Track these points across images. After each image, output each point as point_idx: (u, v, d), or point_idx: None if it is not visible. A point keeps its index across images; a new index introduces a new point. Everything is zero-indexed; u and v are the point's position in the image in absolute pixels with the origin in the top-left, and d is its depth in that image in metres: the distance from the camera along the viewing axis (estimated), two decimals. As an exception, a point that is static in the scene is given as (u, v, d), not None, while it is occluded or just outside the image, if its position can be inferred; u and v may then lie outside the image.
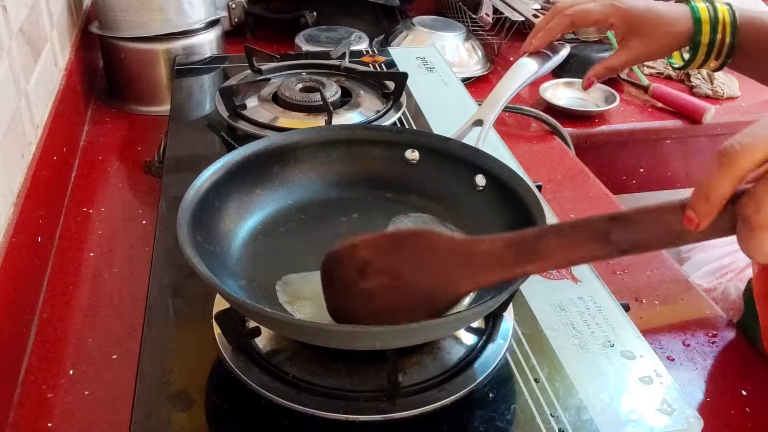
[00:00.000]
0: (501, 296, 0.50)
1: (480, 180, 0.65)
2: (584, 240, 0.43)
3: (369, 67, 1.06)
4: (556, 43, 0.84)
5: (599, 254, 0.43)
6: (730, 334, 0.77)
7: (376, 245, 0.49)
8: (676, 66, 0.83)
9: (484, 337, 0.58)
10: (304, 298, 0.57)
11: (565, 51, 0.84)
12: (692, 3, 0.77)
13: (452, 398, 0.53)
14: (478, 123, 0.74)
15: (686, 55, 0.81)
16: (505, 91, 0.76)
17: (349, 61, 1.03)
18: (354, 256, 0.49)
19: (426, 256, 0.47)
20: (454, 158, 0.67)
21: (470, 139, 0.72)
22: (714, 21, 0.75)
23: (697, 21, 0.76)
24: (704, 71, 1.40)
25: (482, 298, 0.57)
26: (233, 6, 1.41)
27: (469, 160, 0.66)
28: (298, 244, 0.64)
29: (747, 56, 0.77)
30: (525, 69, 0.79)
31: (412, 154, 0.69)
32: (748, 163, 0.37)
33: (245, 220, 0.64)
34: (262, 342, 0.56)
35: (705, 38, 0.76)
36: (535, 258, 0.44)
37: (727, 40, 0.75)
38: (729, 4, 0.77)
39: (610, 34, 1.46)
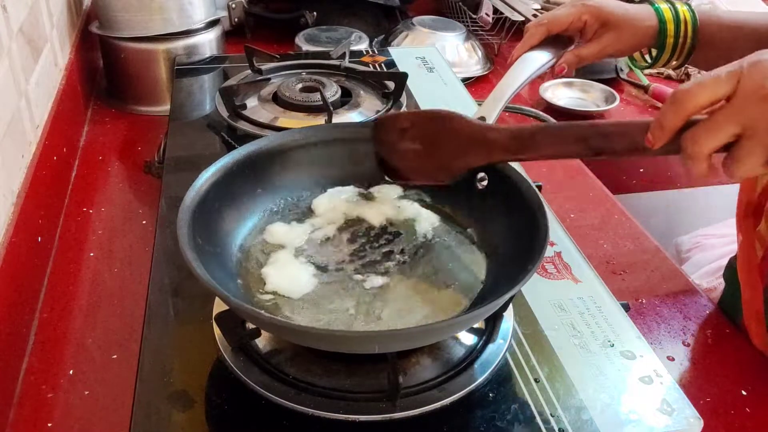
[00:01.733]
0: (500, 300, 0.50)
1: (481, 178, 0.64)
2: (568, 141, 0.55)
3: (369, 67, 1.06)
4: (561, 36, 0.83)
5: (579, 153, 0.56)
6: (730, 334, 0.77)
7: (413, 117, 0.64)
8: (639, 66, 0.86)
9: (484, 337, 0.58)
10: (302, 297, 0.58)
11: (571, 47, 0.83)
12: (656, 5, 0.80)
13: (452, 398, 0.53)
14: (481, 120, 0.73)
15: (648, 58, 0.85)
16: (507, 89, 0.75)
17: (349, 61, 1.03)
18: (397, 122, 0.64)
19: (450, 133, 0.61)
20: None
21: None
22: (677, 20, 0.79)
23: (662, 21, 0.79)
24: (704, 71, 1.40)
25: (483, 299, 0.58)
26: (233, 6, 1.41)
27: None
28: (298, 244, 0.64)
29: (708, 52, 0.81)
30: (527, 66, 0.78)
31: None
32: (692, 106, 0.48)
33: (247, 220, 0.64)
34: (262, 342, 0.56)
35: (670, 38, 0.79)
36: (529, 149, 0.57)
37: (689, 38, 0.79)
38: (688, 4, 0.80)
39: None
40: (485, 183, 0.64)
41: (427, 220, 0.66)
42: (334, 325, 0.55)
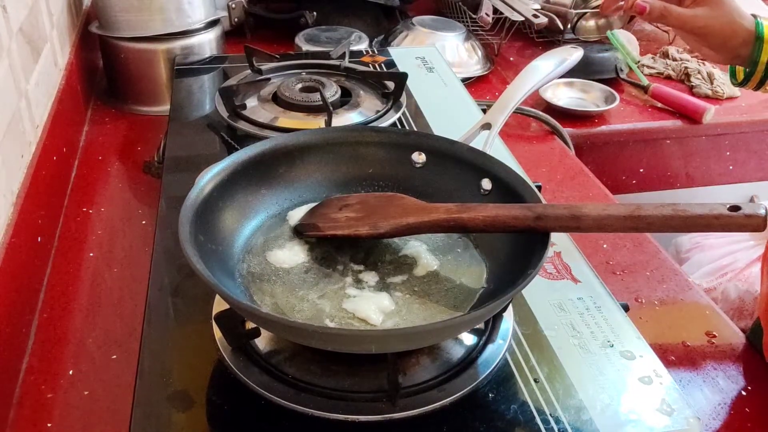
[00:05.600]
0: (498, 303, 0.50)
1: (486, 184, 0.64)
2: (511, 209, 0.56)
3: (369, 67, 1.06)
4: (569, 47, 0.83)
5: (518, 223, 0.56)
6: (730, 334, 0.77)
7: (362, 197, 0.64)
8: (735, 83, 0.80)
9: (484, 338, 0.58)
10: (302, 299, 0.58)
11: (578, 54, 0.83)
12: (758, 19, 0.76)
13: (452, 398, 0.53)
14: (487, 126, 0.73)
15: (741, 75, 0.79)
16: (514, 96, 0.75)
17: (349, 61, 1.03)
18: (343, 199, 0.64)
19: (395, 205, 0.61)
20: (461, 161, 0.66)
21: (478, 143, 0.71)
22: None
23: (759, 34, 0.74)
24: (705, 71, 1.40)
25: (483, 302, 0.58)
26: (233, 6, 1.41)
27: (476, 163, 0.65)
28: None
29: None
30: (535, 73, 0.78)
31: (419, 157, 0.68)
32: None
33: (249, 220, 0.64)
34: (261, 342, 0.57)
35: (764, 57, 0.74)
36: (470, 211, 0.57)
37: None
38: None
39: (609, 34, 1.46)
40: (489, 187, 0.64)
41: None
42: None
